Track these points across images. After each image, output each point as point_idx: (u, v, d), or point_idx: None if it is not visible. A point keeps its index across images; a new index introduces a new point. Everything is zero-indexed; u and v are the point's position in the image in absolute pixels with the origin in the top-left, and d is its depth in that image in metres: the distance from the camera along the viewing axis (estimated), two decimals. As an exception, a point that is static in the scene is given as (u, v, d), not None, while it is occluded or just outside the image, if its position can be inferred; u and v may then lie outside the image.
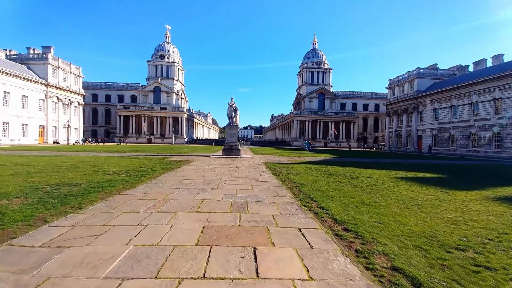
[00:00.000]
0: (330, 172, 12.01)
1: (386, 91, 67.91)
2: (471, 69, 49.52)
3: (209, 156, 20.71)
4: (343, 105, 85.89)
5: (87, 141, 60.55)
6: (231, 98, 21.79)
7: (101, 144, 59.72)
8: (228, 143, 21.90)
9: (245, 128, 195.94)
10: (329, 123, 75.62)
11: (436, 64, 56.94)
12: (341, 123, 76.39)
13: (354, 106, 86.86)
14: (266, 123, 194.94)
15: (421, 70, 53.88)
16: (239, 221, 4.41)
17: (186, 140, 75.32)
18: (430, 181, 10.21)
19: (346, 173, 11.80)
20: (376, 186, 8.53)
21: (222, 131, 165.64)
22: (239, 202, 5.75)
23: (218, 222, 4.33)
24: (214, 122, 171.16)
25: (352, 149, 61.63)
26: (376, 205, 5.96)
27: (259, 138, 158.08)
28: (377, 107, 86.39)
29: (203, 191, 6.91)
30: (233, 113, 21.39)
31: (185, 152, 27.63)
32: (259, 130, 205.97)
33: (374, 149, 65.03)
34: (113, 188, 6.98)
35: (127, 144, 61.25)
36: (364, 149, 63.69)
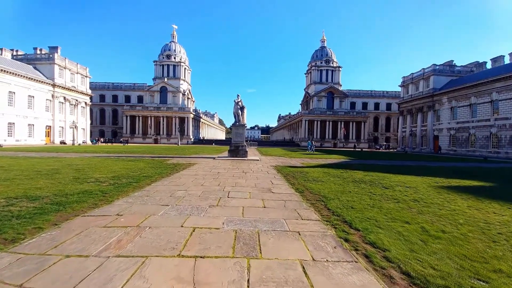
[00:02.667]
0: (354, 179, 10.06)
1: (399, 89, 65.02)
2: (488, 66, 47.15)
3: (213, 158, 18.98)
4: (353, 104, 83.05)
5: (99, 141, 60.68)
6: (238, 95, 20.01)
7: (110, 144, 59.36)
8: (235, 143, 20.12)
9: (252, 128, 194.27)
10: (339, 123, 73.06)
11: (453, 61, 53.85)
12: (351, 123, 73.69)
13: (365, 105, 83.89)
14: (273, 123, 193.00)
15: (437, 67, 50.99)
16: (248, 281, 2.58)
17: (192, 140, 74.11)
18: (483, 192, 8.16)
19: (374, 180, 9.83)
20: (425, 201, 6.56)
21: (229, 131, 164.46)
22: (246, 232, 3.91)
23: (211, 283, 2.52)
24: (220, 122, 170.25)
25: (363, 149, 58.96)
26: (449, 237, 4.04)
27: (266, 139, 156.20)
28: (388, 106, 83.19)
29: (198, 210, 5.11)
30: (239, 111, 19.60)
31: (189, 153, 26.02)
32: (266, 130, 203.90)
33: (382, 150, 61.69)
34: (80, 205, 5.27)
35: (134, 144, 60.39)
36: (383, 150, 60.60)
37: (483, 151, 37.96)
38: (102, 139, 66.40)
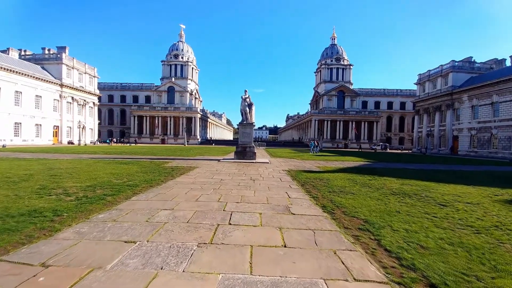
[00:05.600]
0: (391, 190, 7.95)
1: (413, 87, 61.93)
2: (508, 63, 44.77)
3: (218, 161, 17.11)
4: (364, 104, 79.92)
5: (112, 141, 61.98)
6: (245, 91, 18.11)
7: (120, 144, 59.14)
8: (242, 144, 18.18)
9: (260, 128, 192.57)
10: (350, 123, 70.21)
11: (472, 57, 50.65)
12: (362, 123, 70.68)
13: (377, 105, 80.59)
14: (281, 124, 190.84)
15: (456, 63, 47.93)
16: None
17: (199, 140, 72.81)
18: None
19: (418, 192, 7.71)
20: (509, 228, 4.47)
21: (236, 131, 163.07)
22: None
23: None
24: (228, 122, 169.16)
25: (376, 150, 55.81)
26: None
27: (274, 139, 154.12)
28: (402, 105, 79.68)
29: (179, 255, 3.15)
30: (247, 109, 17.68)
31: (193, 154, 24.27)
32: (274, 130, 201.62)
33: (388, 151, 57.72)
34: (7, 239, 3.38)
35: (141, 144, 59.53)
36: (401, 151, 57.22)
37: (505, 153, 35.73)
38: (114, 139, 66.92)
